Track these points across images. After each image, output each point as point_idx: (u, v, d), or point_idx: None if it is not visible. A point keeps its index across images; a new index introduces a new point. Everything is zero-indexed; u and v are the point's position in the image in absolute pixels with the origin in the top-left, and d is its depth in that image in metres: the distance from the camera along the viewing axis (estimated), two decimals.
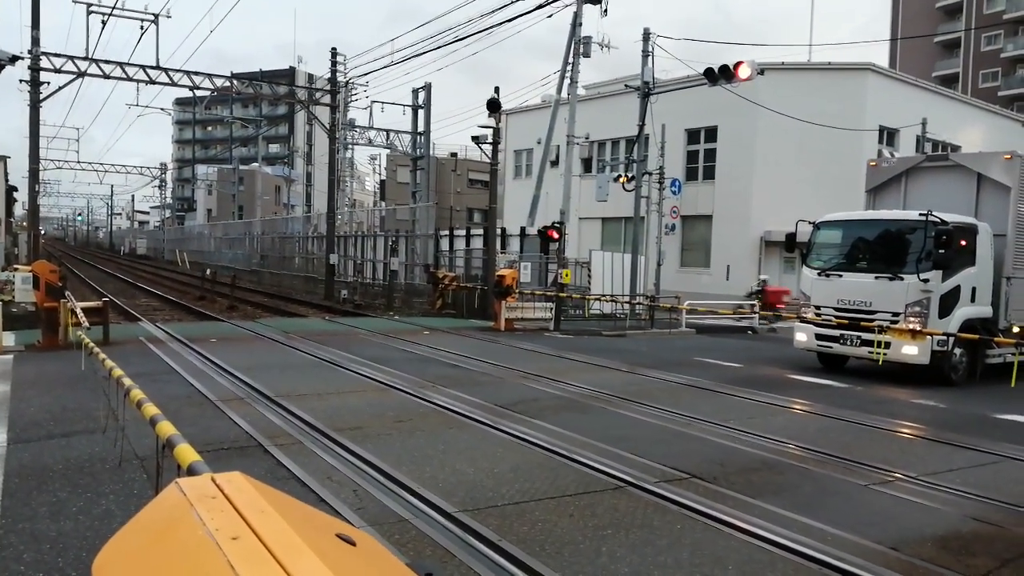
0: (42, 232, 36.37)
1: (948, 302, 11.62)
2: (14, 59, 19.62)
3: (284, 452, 6.36)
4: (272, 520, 1.16)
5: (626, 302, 20.65)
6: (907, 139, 30.72)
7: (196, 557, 1.06)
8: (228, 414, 7.78)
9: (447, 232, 28.62)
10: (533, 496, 5.42)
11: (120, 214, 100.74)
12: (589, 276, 23.17)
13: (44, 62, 21.52)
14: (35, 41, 21.14)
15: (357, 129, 33.45)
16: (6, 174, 33.87)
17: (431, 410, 8.34)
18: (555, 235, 19.77)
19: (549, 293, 19.75)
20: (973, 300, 12.00)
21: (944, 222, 11.31)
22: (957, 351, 11.82)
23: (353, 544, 1.26)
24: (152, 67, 23.20)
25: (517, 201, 36.87)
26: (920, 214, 11.52)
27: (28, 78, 21.60)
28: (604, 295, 21.34)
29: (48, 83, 21.64)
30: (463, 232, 28.67)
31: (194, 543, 1.09)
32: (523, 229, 25.54)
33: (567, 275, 20.08)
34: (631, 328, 19.53)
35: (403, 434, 7.15)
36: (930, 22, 64.36)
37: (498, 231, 23.80)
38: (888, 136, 31.19)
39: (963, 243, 11.67)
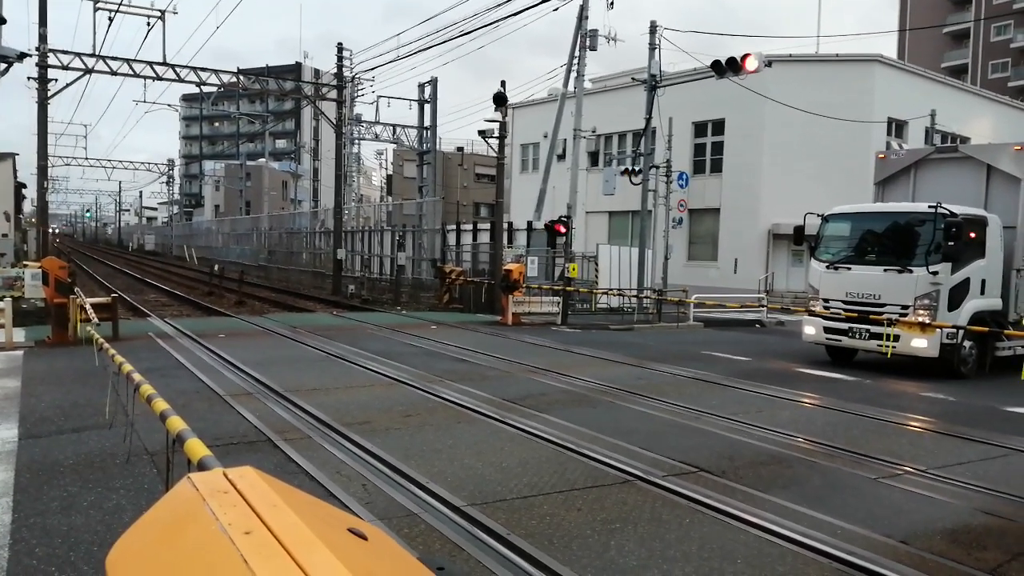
0: (51, 228, 36.51)
1: (957, 295, 11.56)
2: (22, 56, 19.65)
3: (293, 447, 6.39)
4: (284, 515, 1.17)
5: (633, 296, 20.61)
6: (916, 131, 30.52)
7: (209, 551, 1.07)
8: (237, 409, 7.81)
9: (454, 227, 28.61)
10: (541, 490, 5.43)
11: (128, 210, 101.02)
12: (596, 270, 23.16)
13: (51, 59, 21.56)
14: (42, 38, 21.18)
15: (363, 124, 33.44)
16: (15, 171, 33.98)
17: (439, 404, 8.35)
18: (562, 229, 19.74)
19: (556, 287, 19.72)
20: (983, 292, 11.93)
21: (953, 214, 11.25)
22: (967, 344, 11.76)
23: (365, 539, 1.27)
24: (159, 63, 23.23)
25: (524, 195, 36.82)
26: (929, 206, 11.45)
27: (36, 75, 21.66)
28: (611, 289, 21.32)
29: (56, 80, 21.66)
30: (470, 227, 28.66)
31: (207, 538, 1.10)
32: (530, 223, 25.52)
33: (574, 269, 20.06)
34: (639, 322, 19.50)
35: (411, 428, 7.16)
36: (939, 12, 63.85)
37: (505, 225, 23.78)
38: (897, 128, 31.00)
39: (972, 235, 11.61)
